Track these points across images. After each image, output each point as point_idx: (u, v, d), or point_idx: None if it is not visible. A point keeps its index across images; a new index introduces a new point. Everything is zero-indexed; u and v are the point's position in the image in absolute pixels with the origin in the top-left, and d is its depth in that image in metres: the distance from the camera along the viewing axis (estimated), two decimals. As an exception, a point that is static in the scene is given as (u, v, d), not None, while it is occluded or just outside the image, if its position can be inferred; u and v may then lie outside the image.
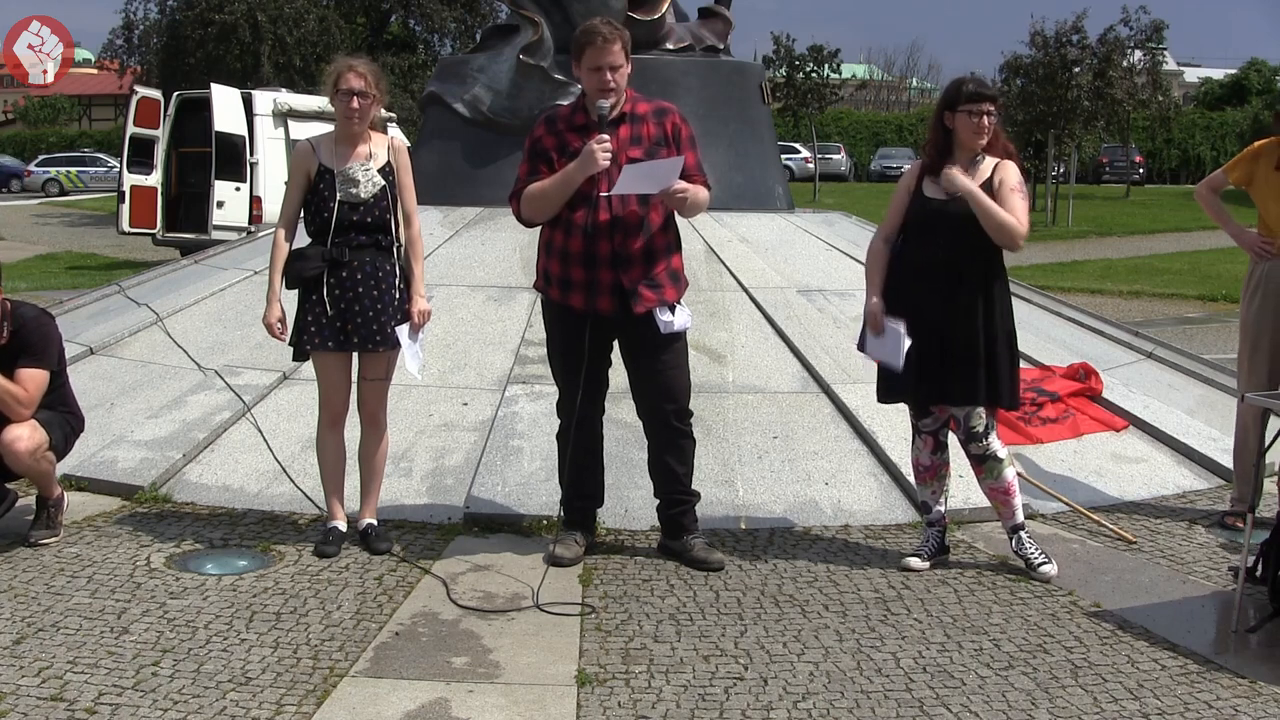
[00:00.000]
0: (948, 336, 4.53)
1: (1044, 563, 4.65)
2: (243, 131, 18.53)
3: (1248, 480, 5.29)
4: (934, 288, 4.53)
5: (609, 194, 4.43)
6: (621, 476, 5.25)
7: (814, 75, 37.75)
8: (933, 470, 4.78)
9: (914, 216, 4.64)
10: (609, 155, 4.38)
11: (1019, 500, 4.73)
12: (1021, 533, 4.73)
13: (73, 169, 42.66)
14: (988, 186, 4.53)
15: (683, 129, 4.60)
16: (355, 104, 4.67)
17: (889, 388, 4.77)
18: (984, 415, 4.63)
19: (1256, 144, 5.52)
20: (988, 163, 4.58)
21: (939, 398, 4.66)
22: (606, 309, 4.53)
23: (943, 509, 4.83)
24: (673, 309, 4.58)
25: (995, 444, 4.67)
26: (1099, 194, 37.81)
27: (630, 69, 4.52)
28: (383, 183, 4.74)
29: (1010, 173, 4.57)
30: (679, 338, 4.65)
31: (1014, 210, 4.50)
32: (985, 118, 4.52)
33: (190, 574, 4.51)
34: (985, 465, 4.68)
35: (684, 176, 4.47)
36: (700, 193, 4.56)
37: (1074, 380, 6.52)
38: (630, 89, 4.60)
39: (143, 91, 20.11)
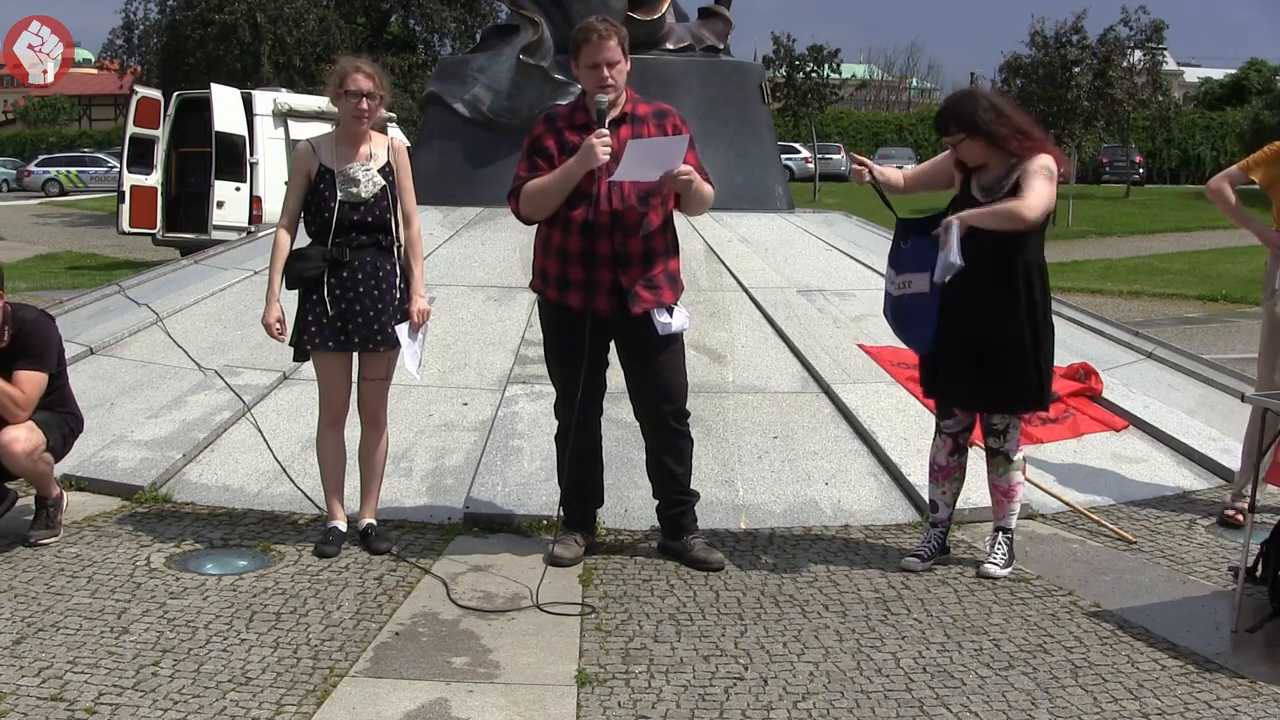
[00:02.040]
0: (974, 339, 4.51)
1: (993, 564, 4.65)
2: (243, 131, 18.53)
3: (1252, 474, 5.29)
4: (974, 290, 4.50)
5: (613, 180, 4.42)
6: (621, 476, 5.25)
7: (814, 75, 37.78)
8: (947, 471, 4.78)
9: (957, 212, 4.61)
10: (609, 150, 4.38)
11: (1016, 506, 4.73)
12: (1000, 534, 4.72)
13: (73, 169, 42.68)
14: (1016, 186, 4.51)
15: (683, 129, 4.60)
16: (364, 105, 4.67)
17: (925, 382, 4.77)
18: (1005, 414, 4.63)
19: (1277, 144, 5.47)
20: (1023, 164, 4.53)
21: (959, 401, 4.66)
22: (604, 309, 4.53)
23: (950, 511, 4.82)
24: (670, 310, 4.58)
25: (1011, 445, 4.66)
26: (1099, 194, 37.81)
27: (629, 67, 4.52)
28: (383, 182, 4.74)
29: (1031, 161, 4.48)
30: (676, 339, 4.64)
31: (1030, 189, 4.42)
32: (953, 147, 4.55)
33: (190, 574, 4.51)
34: (995, 460, 4.69)
35: None
36: (705, 186, 4.55)
37: (1074, 380, 6.52)
38: (630, 90, 4.60)
39: (143, 91, 20.11)
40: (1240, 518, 5.11)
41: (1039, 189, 4.42)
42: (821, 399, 6.03)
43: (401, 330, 4.74)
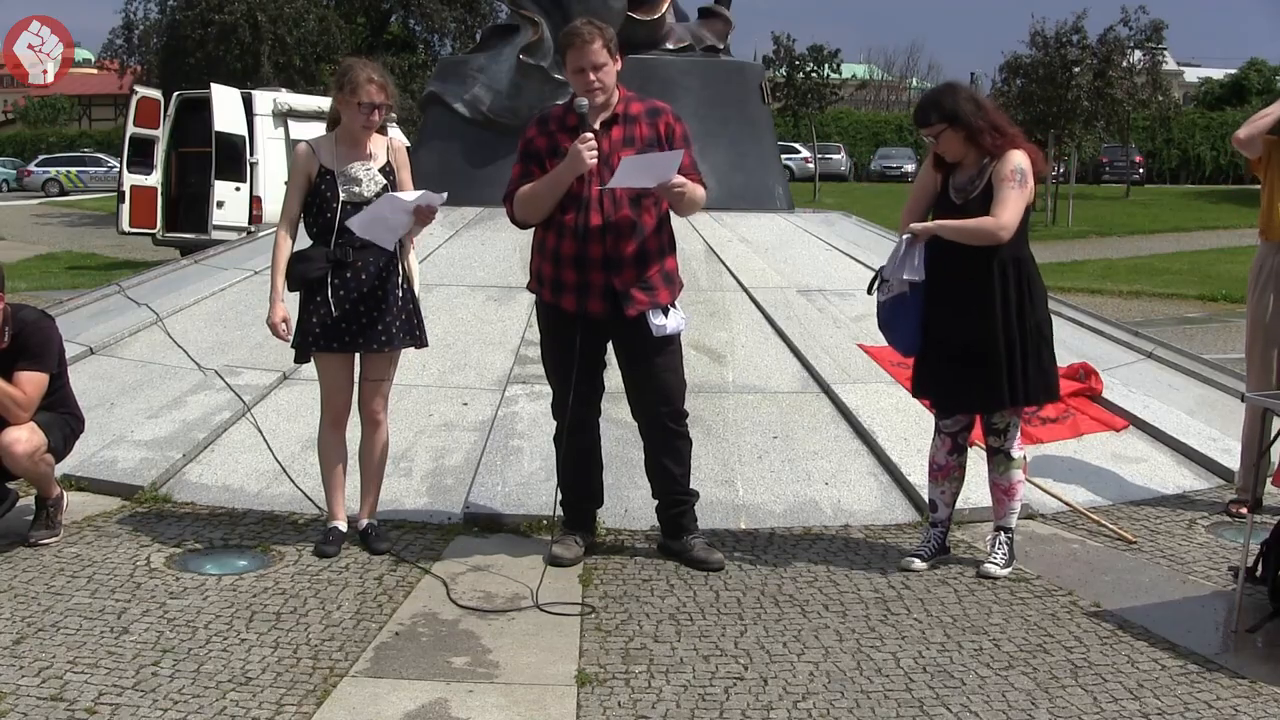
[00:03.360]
0: (964, 340, 4.50)
1: (994, 564, 4.65)
2: (243, 131, 18.53)
3: (1253, 473, 5.29)
4: (951, 291, 4.50)
5: (606, 188, 4.43)
6: (621, 476, 5.25)
7: (814, 75, 37.78)
8: (946, 471, 4.77)
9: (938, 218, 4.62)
10: (595, 154, 4.38)
11: (1016, 505, 4.73)
12: (1001, 534, 4.72)
13: (73, 169, 42.67)
14: (989, 186, 4.52)
15: (676, 128, 4.59)
16: (375, 117, 4.69)
17: (916, 384, 4.78)
18: (1005, 413, 4.63)
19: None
20: (995, 163, 4.53)
21: (955, 404, 4.66)
22: (598, 311, 4.52)
23: (949, 510, 4.81)
24: (665, 311, 4.57)
25: (1012, 444, 4.66)
26: (1099, 194, 37.79)
27: (619, 66, 4.52)
28: (384, 182, 4.74)
29: (1002, 164, 4.48)
30: (672, 340, 4.64)
31: (999, 203, 4.43)
32: (931, 139, 4.55)
33: (190, 574, 4.51)
34: (996, 459, 4.69)
35: (679, 174, 4.48)
36: (697, 190, 4.56)
37: (1074, 380, 6.52)
38: (626, 89, 4.60)
39: (143, 91, 20.11)
40: (1244, 510, 5.12)
41: (1011, 202, 4.43)
42: (821, 399, 6.03)
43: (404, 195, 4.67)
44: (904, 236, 4.55)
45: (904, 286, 4.53)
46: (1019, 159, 4.48)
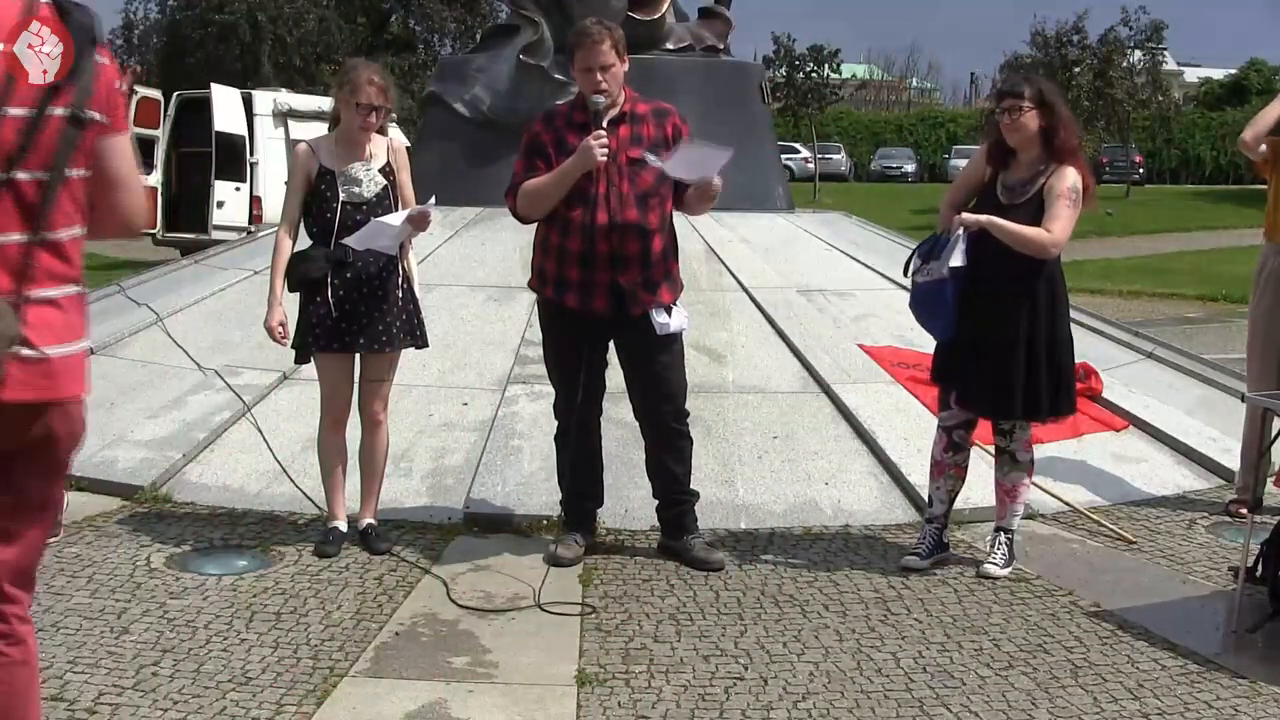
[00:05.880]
0: (986, 340, 4.50)
1: (993, 564, 4.64)
2: (243, 131, 18.53)
3: (1253, 473, 5.29)
4: (984, 290, 4.49)
5: (669, 175, 4.43)
6: (621, 476, 5.25)
7: (814, 75, 37.82)
8: (941, 468, 4.76)
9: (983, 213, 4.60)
10: (606, 151, 4.39)
11: (1019, 507, 4.73)
12: (1001, 534, 4.71)
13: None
14: (1040, 195, 4.50)
15: (683, 129, 4.62)
16: (373, 118, 4.69)
17: (933, 367, 4.78)
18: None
19: None
20: (1050, 170, 4.49)
21: (961, 397, 4.66)
22: (602, 309, 4.53)
23: (945, 508, 4.80)
24: (669, 310, 4.58)
25: (1017, 446, 4.65)
26: (1099, 194, 37.67)
27: (626, 67, 4.53)
28: (385, 182, 4.74)
29: (1059, 179, 4.46)
30: (675, 339, 4.65)
31: (1053, 218, 4.43)
32: (1009, 115, 4.47)
33: (190, 574, 4.51)
34: (1001, 459, 4.69)
35: None
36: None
37: (1074, 380, 6.51)
38: (630, 89, 4.61)
39: (143, 91, 20.08)
40: (1244, 510, 5.12)
41: (1065, 219, 4.44)
42: (821, 399, 6.03)
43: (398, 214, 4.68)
44: (957, 228, 4.48)
45: (944, 271, 4.51)
46: (1075, 178, 4.47)
